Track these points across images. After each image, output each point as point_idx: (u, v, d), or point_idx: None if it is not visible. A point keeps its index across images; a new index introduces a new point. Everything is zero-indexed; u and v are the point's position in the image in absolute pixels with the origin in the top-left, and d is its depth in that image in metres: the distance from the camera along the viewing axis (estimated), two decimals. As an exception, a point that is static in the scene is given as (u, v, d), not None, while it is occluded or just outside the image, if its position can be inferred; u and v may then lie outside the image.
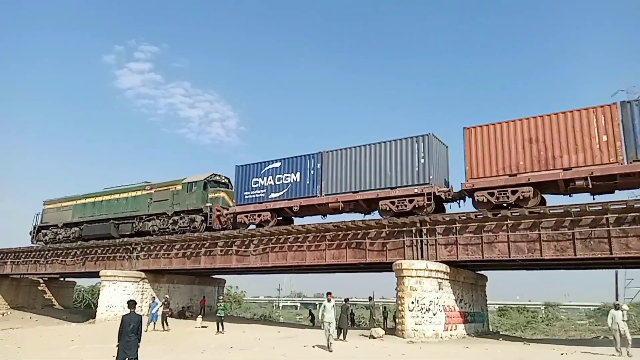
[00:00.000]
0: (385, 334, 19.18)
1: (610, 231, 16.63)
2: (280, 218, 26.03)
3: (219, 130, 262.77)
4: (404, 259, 20.05)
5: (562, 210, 17.53)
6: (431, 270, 19.33)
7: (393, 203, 21.31)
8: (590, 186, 17.68)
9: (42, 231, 36.50)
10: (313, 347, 16.03)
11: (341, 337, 17.40)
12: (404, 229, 20.66)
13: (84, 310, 44.13)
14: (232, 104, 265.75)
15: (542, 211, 17.93)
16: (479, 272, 24.52)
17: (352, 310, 18.69)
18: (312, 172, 24.08)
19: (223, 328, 21.16)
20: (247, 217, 26.03)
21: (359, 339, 18.33)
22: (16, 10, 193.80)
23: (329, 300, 15.27)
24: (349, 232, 22.06)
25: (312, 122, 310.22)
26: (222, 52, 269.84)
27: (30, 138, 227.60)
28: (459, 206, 21.46)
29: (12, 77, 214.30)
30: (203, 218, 27.69)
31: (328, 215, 24.67)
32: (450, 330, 19.74)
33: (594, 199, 18.74)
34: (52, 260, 34.05)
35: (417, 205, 20.74)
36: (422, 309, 18.77)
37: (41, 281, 42.44)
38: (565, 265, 21.51)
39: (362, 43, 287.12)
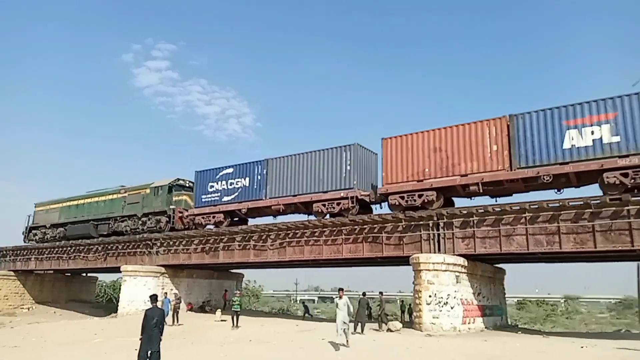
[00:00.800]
0: (403, 327, 19.20)
1: (632, 223, 16.37)
2: (237, 219, 28.25)
3: (235, 127, 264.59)
4: (421, 252, 20.03)
5: (581, 203, 17.32)
6: (448, 264, 19.27)
7: (324, 205, 23.50)
8: (481, 191, 19.90)
9: (33, 231, 39.26)
10: (331, 340, 16.15)
11: (358, 329, 17.46)
12: (421, 222, 20.61)
13: (106, 304, 44.99)
14: (249, 101, 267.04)
15: (561, 203, 17.73)
16: (497, 265, 24.35)
17: (369, 304, 18.59)
18: (259, 177, 26.29)
19: (238, 322, 21.22)
20: (204, 218, 28.27)
21: (376, 332, 18.39)
22: (37, 10, 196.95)
23: (340, 297, 14.43)
24: (365, 226, 22.10)
25: (328, 117, 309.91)
26: (238, 48, 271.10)
27: (53, 135, 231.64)
28: (381, 207, 23.33)
29: (37, 76, 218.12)
30: (167, 219, 30.21)
31: (274, 216, 26.62)
32: (468, 323, 19.68)
33: (495, 200, 20.84)
34: (75, 256, 34.75)
35: (343, 208, 22.88)
36: (440, 302, 18.74)
37: (64, 277, 43.30)
38: (585, 257, 21.22)
39: (375, 36, 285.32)
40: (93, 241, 33.58)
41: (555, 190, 19.29)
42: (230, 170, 27.69)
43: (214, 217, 27.84)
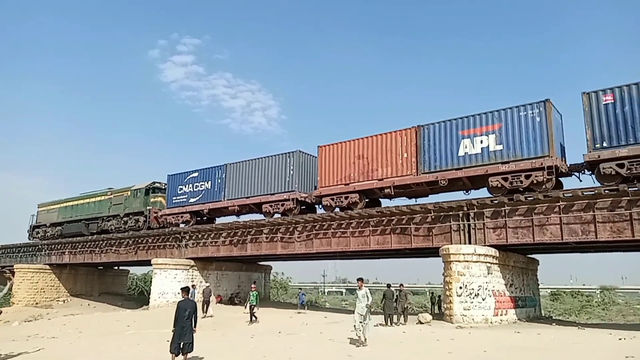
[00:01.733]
0: (433, 319, 18.95)
1: (673, 211, 15.72)
2: (205, 218, 31.07)
3: (260, 120, 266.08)
4: (451, 243, 19.71)
5: (618, 190, 16.71)
6: (479, 255, 18.90)
7: (272, 206, 26.30)
8: (393, 193, 22.45)
9: (36, 229, 43.05)
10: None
11: (401, 320, 17.41)
12: (451, 213, 20.26)
13: (138, 297, 45.95)
14: (274, 93, 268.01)
15: (596, 192, 17.15)
16: (529, 255, 23.80)
17: (396, 295, 18.22)
18: (219, 181, 29.19)
19: (256, 317, 20.83)
20: (174, 217, 31.40)
21: (406, 324, 18.21)
22: (64, 9, 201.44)
23: (359, 288, 13.02)
24: (393, 217, 21.86)
25: (352, 108, 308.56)
26: (262, 41, 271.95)
27: (82, 130, 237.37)
28: (319, 208, 25.55)
29: (65, 75, 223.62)
30: (145, 219, 33.47)
31: (232, 216, 29.55)
32: (501, 315, 19.29)
33: (415, 201, 23.02)
34: (107, 250, 35.52)
35: (287, 208, 25.56)
36: (471, 294, 18.42)
37: (97, 270, 44.40)
38: (623, 247, 20.56)
39: (399, 26, 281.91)
40: (124, 235, 34.27)
41: (464, 191, 21.33)
42: (195, 174, 30.84)
43: (182, 216, 31.08)
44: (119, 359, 12.42)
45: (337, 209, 24.04)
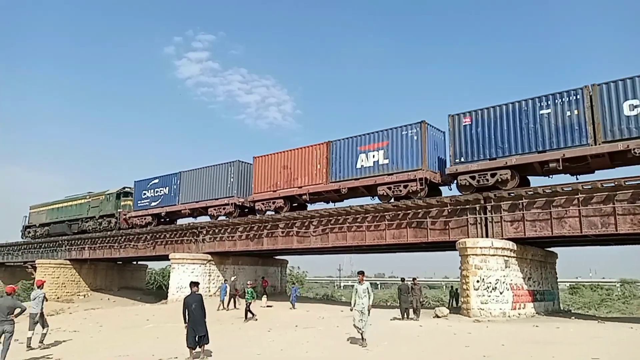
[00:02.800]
0: (450, 313, 18.86)
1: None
2: (163, 220, 34.90)
3: (275, 115, 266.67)
4: (468, 237, 19.58)
5: (639, 182, 16.39)
6: (497, 248, 18.73)
7: (216, 209, 29.76)
8: (309, 199, 25.95)
9: (27, 229, 47.15)
10: (375, 326, 16.06)
11: (413, 316, 17.33)
12: (467, 206, 20.10)
13: (156, 291, 46.54)
14: (288, 88, 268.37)
15: (616, 183, 16.84)
16: (548, 248, 23.52)
17: (410, 289, 18.02)
18: (175, 187, 33.01)
19: (254, 314, 20.32)
20: (138, 219, 35.32)
21: (422, 318, 18.14)
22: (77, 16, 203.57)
23: (360, 282, 11.93)
24: (409, 211, 21.76)
25: (367, 100, 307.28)
26: (277, 36, 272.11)
27: (102, 135, 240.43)
28: (255, 212, 28.44)
29: (87, 80, 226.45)
30: (116, 220, 37.51)
31: (187, 218, 33.52)
32: (518, 309, 19.13)
33: (334, 204, 26.05)
34: (125, 245, 36.01)
35: (227, 211, 29.20)
36: (488, 287, 18.28)
37: (116, 265, 45.06)
38: (644, 239, 20.20)
39: (413, 8, 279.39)
40: (142, 230, 34.68)
41: (370, 197, 23.94)
42: (156, 181, 34.67)
43: (145, 219, 34.88)
44: (139, 351, 12.60)
45: (267, 212, 27.45)
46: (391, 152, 22.46)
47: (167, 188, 33.42)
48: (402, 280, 18.13)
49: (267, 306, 24.47)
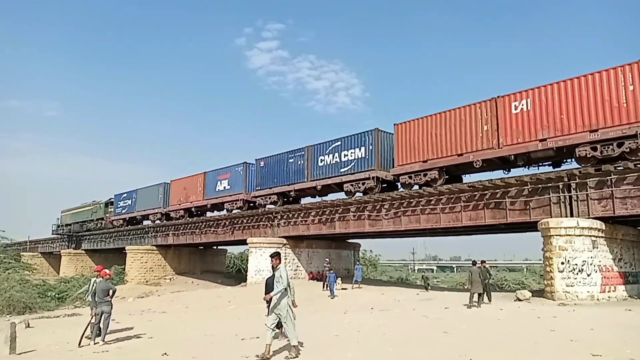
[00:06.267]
0: (532, 296, 18.11)
1: None
2: (128, 223, 49.37)
3: (344, 99, 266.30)
4: (551, 217, 18.57)
5: None
6: (583, 228, 17.65)
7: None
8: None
9: (59, 227, 62.04)
10: (454, 309, 15.78)
11: (485, 300, 16.73)
12: (549, 184, 19.02)
13: (236, 274, 48.51)
14: (357, 71, 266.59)
15: None
16: (641, 228, 21.84)
17: (485, 271, 17.12)
18: (134, 198, 47.81)
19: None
20: (116, 222, 50.50)
21: (502, 301, 17.60)
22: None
23: (275, 267, 9.37)
24: (486, 191, 20.99)
25: (439, 79, 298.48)
26: (344, 19, 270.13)
27: (183, 130, 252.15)
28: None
29: (166, 84, 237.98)
30: (104, 221, 53.19)
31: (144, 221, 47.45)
32: (608, 292, 17.98)
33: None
34: (206, 231, 37.75)
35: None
36: (574, 269, 17.31)
37: (198, 250, 47.41)
38: None
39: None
40: (221, 216, 36.23)
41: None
42: (125, 194, 49.65)
43: (119, 221, 49.95)
44: (222, 331, 13.22)
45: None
46: (232, 182, 35.52)
47: (130, 200, 48.58)
48: (474, 263, 17.39)
49: (342, 289, 24.74)
